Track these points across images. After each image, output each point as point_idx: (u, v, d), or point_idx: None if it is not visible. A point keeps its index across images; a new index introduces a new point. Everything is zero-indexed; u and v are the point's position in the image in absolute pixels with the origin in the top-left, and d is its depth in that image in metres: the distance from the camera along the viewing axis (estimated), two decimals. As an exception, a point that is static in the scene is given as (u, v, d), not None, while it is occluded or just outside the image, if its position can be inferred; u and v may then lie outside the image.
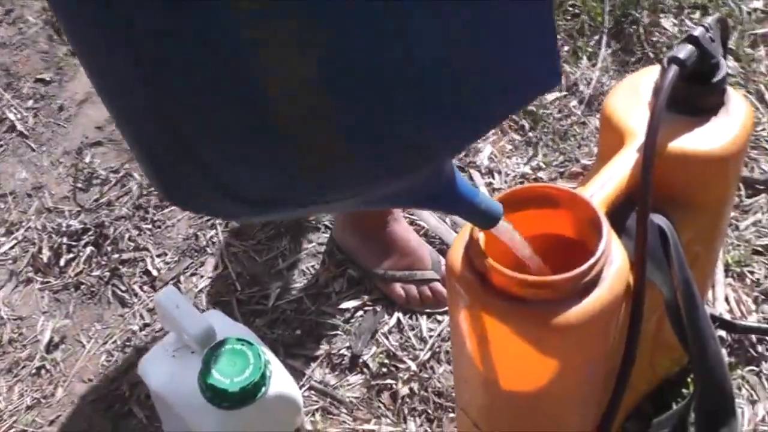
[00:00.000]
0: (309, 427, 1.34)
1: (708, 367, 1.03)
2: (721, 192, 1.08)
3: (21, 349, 1.51)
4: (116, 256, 1.61)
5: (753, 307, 1.45)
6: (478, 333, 0.93)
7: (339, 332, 1.47)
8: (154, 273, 1.58)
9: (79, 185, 1.75)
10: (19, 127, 1.90)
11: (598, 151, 1.13)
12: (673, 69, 0.97)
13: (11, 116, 1.92)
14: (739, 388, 1.35)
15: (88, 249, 1.63)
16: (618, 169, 0.99)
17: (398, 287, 1.49)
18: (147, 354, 1.17)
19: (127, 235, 1.64)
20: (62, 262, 1.62)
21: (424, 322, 1.46)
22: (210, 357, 1.05)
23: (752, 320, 1.43)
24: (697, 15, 1.93)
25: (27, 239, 1.68)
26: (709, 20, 1.01)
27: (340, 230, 1.57)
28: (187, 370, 1.09)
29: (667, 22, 1.92)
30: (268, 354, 1.11)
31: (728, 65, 1.35)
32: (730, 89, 1.06)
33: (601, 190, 0.97)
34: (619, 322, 0.96)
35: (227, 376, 1.04)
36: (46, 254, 1.64)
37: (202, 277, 1.57)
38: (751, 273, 1.49)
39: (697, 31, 0.99)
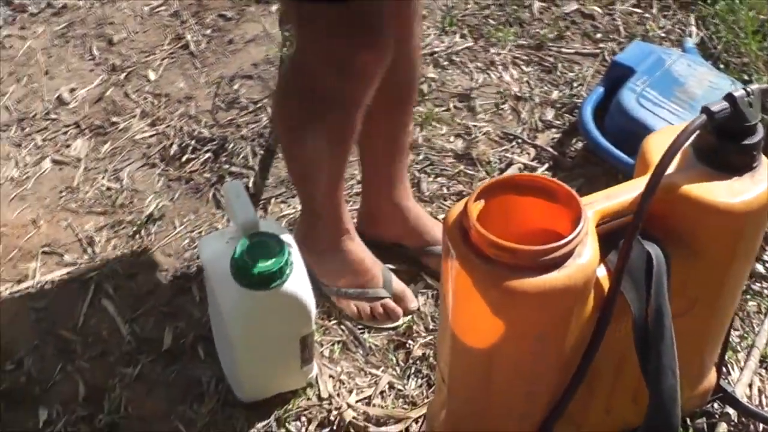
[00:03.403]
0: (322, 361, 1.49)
1: (660, 397, 1.06)
2: (727, 246, 1.09)
3: (128, 213, 1.73)
4: (227, 166, 1.80)
5: None
6: (454, 287, 1.02)
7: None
8: (252, 190, 1.76)
9: (221, 105, 1.96)
10: (192, 47, 2.14)
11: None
12: (702, 117, 1.03)
13: (189, 37, 2.16)
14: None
15: (207, 155, 1.83)
16: (627, 190, 1.06)
17: (352, 304, 1.53)
18: (208, 235, 1.35)
19: (242, 153, 1.83)
20: (184, 159, 1.83)
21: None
22: (246, 242, 1.20)
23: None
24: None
25: (164, 134, 1.90)
26: (754, 87, 1.07)
27: (301, 249, 1.44)
28: (230, 255, 1.26)
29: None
30: (297, 263, 1.26)
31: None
32: (764, 157, 1.11)
33: (604, 201, 1.04)
34: (579, 322, 1.04)
35: (253, 259, 1.18)
36: (174, 149, 1.85)
37: (289, 206, 1.73)
38: None
39: (737, 93, 1.05)
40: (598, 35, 2.13)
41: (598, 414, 1.25)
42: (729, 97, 1.04)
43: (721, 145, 1.07)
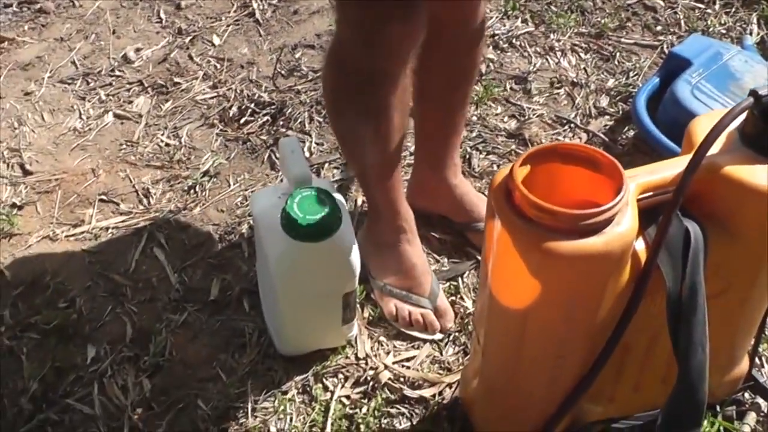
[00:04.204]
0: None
1: (688, 373, 1.08)
2: (765, 231, 1.12)
3: (184, 169, 1.80)
4: (283, 130, 1.86)
5: None
6: (495, 247, 1.06)
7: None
8: (307, 154, 1.82)
9: (282, 72, 2.02)
10: (258, 15, 2.20)
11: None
12: (749, 100, 1.06)
13: (255, 5, 2.23)
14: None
15: (265, 118, 1.89)
16: (670, 166, 1.09)
17: (392, 303, 1.52)
18: (261, 189, 1.41)
19: (299, 119, 1.88)
20: (242, 121, 1.89)
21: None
22: (297, 194, 1.26)
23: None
24: None
25: (224, 96, 1.97)
26: (807, 76, 1.10)
27: (362, 239, 1.54)
28: (281, 208, 1.31)
29: None
30: (345, 220, 1.30)
31: None
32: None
33: (647, 175, 1.07)
34: (614, 291, 1.07)
35: (303, 212, 1.23)
36: (233, 111, 1.91)
37: (342, 172, 1.78)
38: None
39: (787, 78, 1.08)
40: (659, 27, 2.14)
41: (626, 391, 1.28)
42: (779, 82, 1.07)
43: (767, 129, 1.09)
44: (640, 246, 1.08)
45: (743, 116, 1.11)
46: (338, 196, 1.33)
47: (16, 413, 1.39)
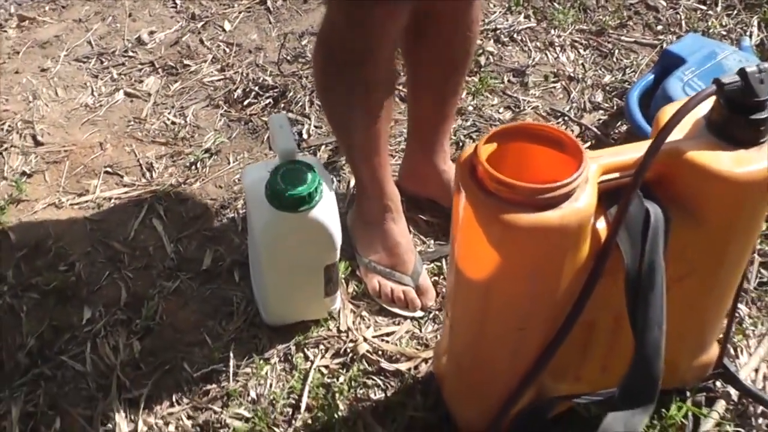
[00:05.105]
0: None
1: (644, 348, 1.11)
2: (728, 215, 1.13)
3: (187, 146, 1.86)
4: (284, 112, 1.92)
5: None
6: (460, 220, 1.12)
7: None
8: (305, 135, 1.88)
9: (288, 58, 2.08)
10: (269, 3, 2.26)
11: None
12: (712, 87, 1.10)
13: (267, -7, 2.32)
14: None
15: (268, 100, 1.95)
16: (634, 149, 1.12)
17: (375, 279, 1.56)
18: (253, 164, 1.46)
19: (300, 102, 1.94)
20: (246, 102, 1.95)
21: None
22: (282, 167, 1.31)
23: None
24: None
25: (231, 79, 2.03)
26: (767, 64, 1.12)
27: (350, 217, 1.64)
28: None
29: None
30: (327, 193, 1.35)
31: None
32: (775, 134, 1.16)
33: (610, 156, 1.11)
34: (574, 266, 1.10)
35: (286, 184, 1.28)
36: (238, 92, 1.97)
37: (337, 154, 1.83)
38: None
39: (750, 69, 1.11)
40: (659, 27, 2.17)
41: (594, 371, 1.31)
42: (741, 72, 1.09)
43: (731, 117, 1.11)
44: (602, 225, 1.11)
45: (710, 105, 1.16)
46: (324, 172, 1.38)
47: (13, 367, 1.46)
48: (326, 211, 1.34)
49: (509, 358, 1.21)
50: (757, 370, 1.48)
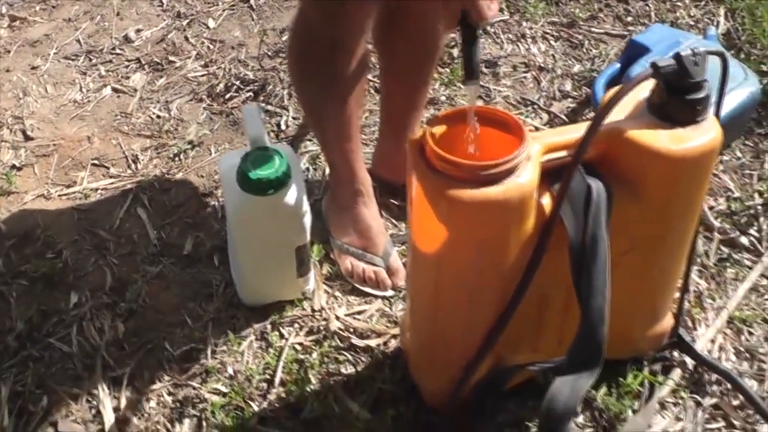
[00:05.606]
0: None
1: (589, 315, 1.17)
2: (666, 190, 1.20)
3: (171, 138, 1.93)
4: (264, 105, 1.99)
5: (733, 359, 1.51)
6: (413, 198, 1.19)
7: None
8: (283, 127, 1.95)
9: (268, 53, 2.15)
10: (252, 1, 2.33)
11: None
12: (648, 70, 1.16)
13: (250, -9, 2.39)
14: (675, 405, 1.45)
15: (249, 94, 2.02)
16: (575, 129, 1.18)
17: (348, 260, 1.63)
18: (229, 152, 1.53)
19: (279, 95, 2.01)
20: (227, 96, 2.02)
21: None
22: (252, 152, 1.38)
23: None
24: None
25: (214, 74, 2.09)
26: (703, 50, 1.18)
27: (325, 202, 1.72)
28: (241, 167, 1.43)
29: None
30: (295, 177, 1.41)
31: None
32: (711, 115, 1.22)
33: (553, 136, 1.18)
34: (519, 240, 1.16)
35: (255, 167, 1.35)
36: (220, 87, 2.05)
37: (314, 143, 1.89)
38: (750, 334, 1.55)
39: (684, 52, 1.17)
40: (629, 18, 2.24)
41: (551, 343, 1.37)
42: (676, 56, 1.16)
43: (669, 98, 1.18)
44: (547, 201, 1.18)
45: (651, 87, 1.22)
46: (294, 159, 1.45)
47: (2, 350, 1.53)
48: (294, 194, 1.40)
49: (464, 330, 1.27)
50: (713, 341, 1.55)
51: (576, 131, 1.18)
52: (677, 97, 1.18)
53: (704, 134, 1.18)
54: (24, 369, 1.49)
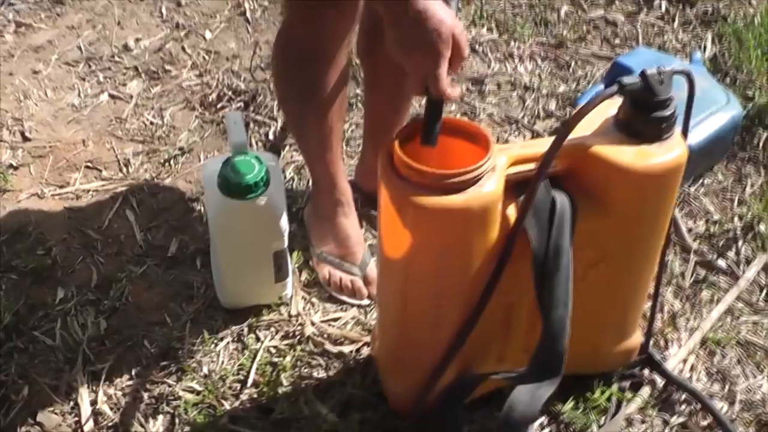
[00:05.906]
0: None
1: (551, 325, 1.20)
2: (632, 205, 1.23)
3: (163, 144, 1.97)
4: (253, 114, 2.03)
5: (704, 380, 1.53)
6: (382, 204, 1.21)
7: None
8: (271, 137, 1.99)
9: (261, 65, 2.20)
10: (248, 14, 2.38)
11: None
12: (614, 88, 1.20)
13: (246, 6, 2.41)
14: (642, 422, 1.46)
15: (239, 104, 2.06)
16: (542, 143, 1.20)
17: (326, 269, 1.65)
18: (212, 158, 1.57)
19: (268, 106, 2.05)
20: (219, 105, 2.06)
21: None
22: (233, 158, 1.41)
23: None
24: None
25: (207, 84, 2.13)
26: (669, 69, 1.22)
27: (306, 212, 1.75)
28: (223, 172, 1.47)
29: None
30: (275, 183, 1.43)
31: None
32: (678, 132, 1.25)
33: (519, 149, 1.21)
34: (483, 248, 1.19)
35: (235, 173, 1.38)
36: (212, 96, 2.08)
37: (300, 154, 1.94)
38: (723, 356, 1.57)
39: (650, 71, 1.20)
40: (617, 41, 2.28)
41: (517, 352, 1.39)
42: (642, 73, 1.20)
43: (635, 115, 1.21)
44: (512, 211, 1.21)
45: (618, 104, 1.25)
46: (275, 165, 1.49)
47: (-11, 341, 1.57)
48: (274, 200, 1.44)
49: (430, 335, 1.30)
50: (685, 361, 1.57)
51: (543, 145, 1.20)
52: (643, 114, 1.21)
53: (669, 151, 1.21)
54: (8, 359, 1.52)
